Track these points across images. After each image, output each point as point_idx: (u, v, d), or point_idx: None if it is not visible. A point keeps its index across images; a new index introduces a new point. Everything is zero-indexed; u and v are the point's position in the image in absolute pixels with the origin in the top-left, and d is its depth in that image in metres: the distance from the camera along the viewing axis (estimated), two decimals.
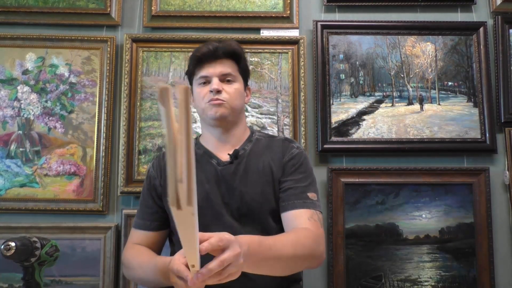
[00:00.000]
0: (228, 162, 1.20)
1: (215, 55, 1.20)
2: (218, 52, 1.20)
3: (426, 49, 1.90)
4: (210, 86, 1.18)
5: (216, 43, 1.22)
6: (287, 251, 0.96)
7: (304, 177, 1.18)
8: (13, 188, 1.77)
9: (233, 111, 1.20)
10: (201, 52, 1.20)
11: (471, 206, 1.78)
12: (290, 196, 1.15)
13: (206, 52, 1.20)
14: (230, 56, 1.22)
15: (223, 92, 1.18)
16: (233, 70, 1.22)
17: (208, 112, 1.19)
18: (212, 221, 1.13)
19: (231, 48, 1.22)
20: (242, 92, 1.25)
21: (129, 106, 1.80)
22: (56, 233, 1.70)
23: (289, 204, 1.14)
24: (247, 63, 1.29)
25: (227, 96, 1.19)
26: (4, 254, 0.94)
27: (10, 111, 1.81)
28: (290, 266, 1.02)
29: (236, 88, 1.21)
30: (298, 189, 1.15)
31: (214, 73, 1.20)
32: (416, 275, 1.75)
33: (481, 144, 1.82)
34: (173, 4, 1.90)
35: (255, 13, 1.89)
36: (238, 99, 1.22)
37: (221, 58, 1.21)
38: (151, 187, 1.25)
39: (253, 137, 1.27)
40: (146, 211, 1.25)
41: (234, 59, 1.23)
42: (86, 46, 1.85)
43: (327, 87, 1.85)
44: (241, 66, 1.25)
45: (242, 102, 1.25)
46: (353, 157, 1.83)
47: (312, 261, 1.07)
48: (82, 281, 1.70)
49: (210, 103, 1.18)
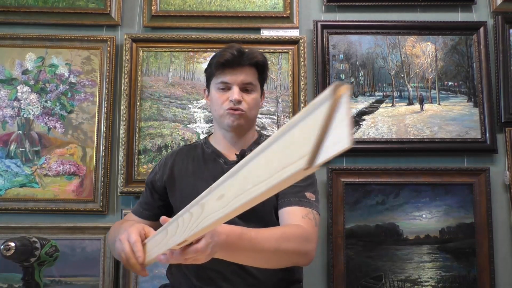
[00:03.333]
0: (234, 161, 1.22)
1: (239, 63, 1.19)
2: (242, 60, 1.19)
3: (426, 49, 1.90)
4: (231, 94, 1.18)
5: (241, 48, 1.20)
6: (270, 245, 0.97)
7: (304, 178, 1.19)
8: (13, 188, 1.77)
9: (249, 120, 1.23)
10: (225, 58, 1.19)
11: (471, 206, 1.78)
12: (287, 194, 1.16)
13: (230, 59, 1.18)
14: (253, 65, 1.22)
15: (243, 102, 1.19)
16: (254, 79, 1.23)
17: (225, 120, 1.21)
18: None
19: (256, 59, 1.22)
20: (259, 101, 1.27)
21: (129, 106, 1.80)
22: (56, 233, 1.70)
23: (285, 201, 1.16)
24: (267, 69, 1.29)
25: (246, 107, 1.20)
26: (4, 254, 0.93)
27: (10, 111, 1.81)
28: (273, 260, 1.03)
29: (254, 98, 1.22)
30: (296, 188, 1.16)
31: (236, 81, 1.19)
32: (417, 275, 1.75)
33: (481, 144, 1.82)
34: (173, 4, 1.90)
35: (255, 13, 1.89)
36: (255, 109, 1.24)
37: (244, 66, 1.20)
38: (150, 180, 1.32)
39: (261, 140, 1.30)
40: (142, 200, 1.33)
41: (257, 68, 1.23)
42: (86, 46, 1.85)
43: (327, 87, 1.84)
44: (261, 74, 1.25)
45: (258, 110, 1.28)
46: (353, 157, 1.82)
47: (298, 258, 1.07)
48: (82, 281, 1.70)
49: (229, 112, 1.19)
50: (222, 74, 1.20)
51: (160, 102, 1.83)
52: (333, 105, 0.39)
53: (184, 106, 1.83)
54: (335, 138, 0.39)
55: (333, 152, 0.39)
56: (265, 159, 0.48)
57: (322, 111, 0.40)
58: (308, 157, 0.40)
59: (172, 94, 1.84)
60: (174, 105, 1.83)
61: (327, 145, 0.40)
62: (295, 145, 0.43)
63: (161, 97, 1.83)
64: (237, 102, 1.18)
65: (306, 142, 0.41)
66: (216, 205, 0.59)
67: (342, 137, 0.38)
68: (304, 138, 0.42)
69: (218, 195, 0.58)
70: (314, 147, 0.40)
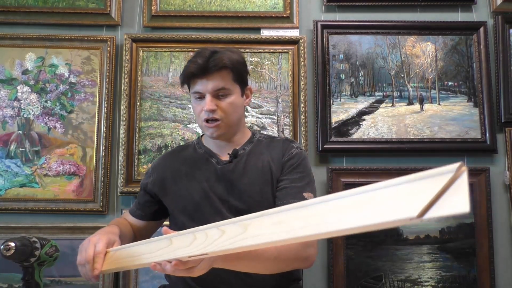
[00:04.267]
0: (227, 161, 1.21)
1: (205, 71, 1.14)
2: (208, 67, 1.13)
3: (426, 49, 1.90)
4: (204, 104, 1.15)
5: (207, 55, 1.15)
6: (269, 253, 0.97)
7: (301, 177, 1.18)
8: (13, 188, 1.77)
9: (230, 126, 1.19)
10: (190, 71, 1.15)
11: (472, 206, 1.78)
12: (286, 195, 1.15)
13: (194, 70, 1.14)
14: (223, 68, 1.15)
15: (217, 110, 1.15)
16: (227, 82, 1.16)
17: (206, 131, 1.20)
18: (210, 217, 1.14)
19: (222, 63, 1.14)
20: (239, 102, 1.21)
21: (129, 106, 1.80)
22: (56, 233, 1.70)
23: (284, 203, 1.13)
24: (244, 66, 1.22)
25: (222, 114, 1.15)
26: (3, 254, 0.93)
27: (10, 111, 1.81)
28: (273, 267, 1.03)
29: (230, 102, 1.17)
30: (294, 189, 1.15)
31: (206, 89, 1.14)
32: (417, 275, 1.75)
33: (481, 144, 1.82)
34: (173, 4, 1.90)
35: (255, 13, 1.89)
36: (235, 112, 1.19)
37: (212, 72, 1.14)
38: (144, 183, 1.32)
39: (254, 138, 1.27)
40: (137, 200, 1.35)
41: (231, 70, 1.17)
42: (86, 46, 1.85)
43: (327, 87, 1.85)
44: (236, 74, 1.19)
45: (240, 112, 1.23)
46: (353, 157, 1.82)
47: (299, 263, 1.08)
48: (82, 281, 1.70)
49: (206, 125, 1.16)
50: (194, 84, 1.17)
51: (160, 102, 1.83)
52: (454, 176, 0.46)
53: (184, 106, 1.83)
54: (452, 202, 0.45)
55: (447, 212, 0.45)
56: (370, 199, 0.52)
57: (444, 178, 0.47)
58: (422, 209, 0.47)
59: (172, 94, 1.84)
60: (174, 105, 1.83)
61: (441, 204, 0.46)
62: (411, 196, 0.49)
63: (161, 97, 1.83)
64: (211, 112, 1.14)
65: (422, 196, 0.47)
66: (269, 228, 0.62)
67: (461, 202, 0.44)
68: (421, 192, 0.48)
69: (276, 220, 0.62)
70: (429, 202, 0.47)
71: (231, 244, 0.67)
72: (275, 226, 0.61)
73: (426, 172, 0.49)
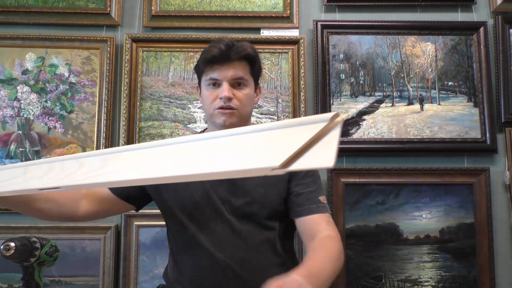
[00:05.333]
0: None
1: (227, 58, 1.12)
2: (230, 54, 1.12)
3: (426, 49, 1.90)
4: (220, 92, 1.12)
5: (230, 42, 1.14)
6: (330, 271, 0.97)
7: (313, 180, 1.18)
8: None
9: (242, 118, 1.16)
10: (212, 54, 1.12)
11: (472, 206, 1.78)
12: (304, 201, 1.13)
13: (217, 54, 1.11)
14: (244, 58, 1.14)
15: (233, 99, 1.13)
16: (245, 73, 1.15)
17: (217, 120, 1.14)
18: (211, 217, 1.13)
19: (246, 52, 1.14)
20: (253, 96, 1.20)
21: (129, 106, 1.80)
22: (56, 233, 1.70)
23: (305, 209, 1.13)
24: (260, 63, 1.22)
25: (238, 104, 1.13)
26: (3, 254, 0.93)
27: (10, 111, 1.81)
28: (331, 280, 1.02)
29: (247, 93, 1.15)
30: (311, 194, 1.14)
31: (225, 77, 1.12)
32: (417, 275, 1.75)
33: (481, 144, 1.82)
34: (173, 4, 1.90)
35: (255, 13, 1.89)
36: (249, 105, 1.17)
37: (233, 60, 1.12)
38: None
39: None
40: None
41: (248, 61, 1.16)
42: (86, 46, 1.85)
43: (327, 87, 1.85)
44: (253, 68, 1.18)
45: (252, 107, 1.22)
46: (353, 157, 1.82)
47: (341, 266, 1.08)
48: (82, 281, 1.70)
49: (220, 111, 1.13)
50: (211, 70, 1.14)
51: (160, 102, 1.83)
52: (328, 127, 0.42)
53: (184, 106, 1.83)
54: (320, 155, 0.41)
55: (311, 165, 0.42)
56: (240, 142, 0.48)
57: (317, 127, 0.42)
58: (284, 159, 0.42)
59: (172, 94, 1.84)
60: (174, 105, 1.83)
61: (308, 157, 0.42)
62: (277, 144, 0.45)
63: (161, 97, 1.83)
64: (227, 100, 1.11)
65: (289, 145, 0.43)
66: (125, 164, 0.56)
67: (327, 156, 0.40)
68: (289, 141, 0.43)
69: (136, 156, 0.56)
70: (294, 153, 0.42)
71: (87, 179, 0.60)
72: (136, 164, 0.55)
73: (301, 119, 0.46)
